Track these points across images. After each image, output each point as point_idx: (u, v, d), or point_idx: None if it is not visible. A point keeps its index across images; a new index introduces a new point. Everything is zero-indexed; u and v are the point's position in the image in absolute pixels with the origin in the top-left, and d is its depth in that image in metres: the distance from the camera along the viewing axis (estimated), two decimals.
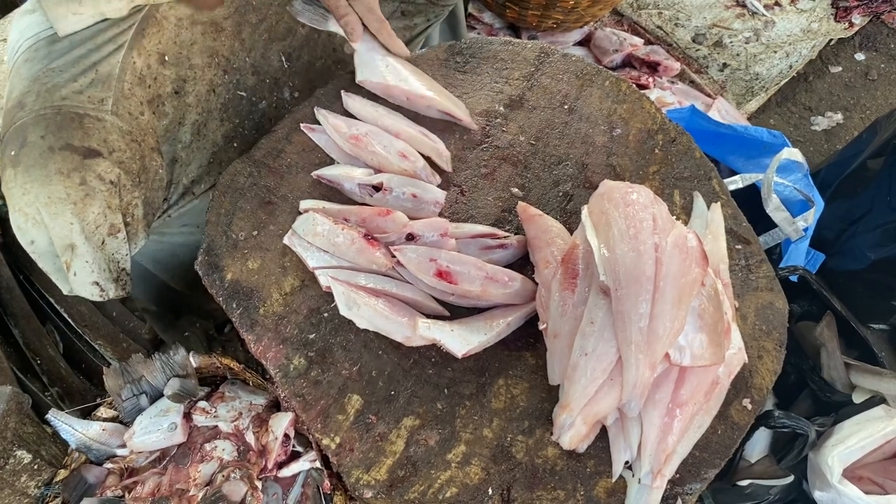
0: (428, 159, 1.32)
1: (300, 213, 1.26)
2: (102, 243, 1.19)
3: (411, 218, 1.22)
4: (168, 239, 1.51)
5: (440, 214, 1.28)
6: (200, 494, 1.18)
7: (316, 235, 1.20)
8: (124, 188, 1.20)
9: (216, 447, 1.25)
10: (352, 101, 1.37)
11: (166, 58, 1.31)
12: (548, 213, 1.26)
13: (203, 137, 1.43)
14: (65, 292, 1.26)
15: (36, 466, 1.24)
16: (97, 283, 1.23)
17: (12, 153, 1.14)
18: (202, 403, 1.30)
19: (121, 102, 1.23)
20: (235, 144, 1.49)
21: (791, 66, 2.59)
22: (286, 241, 1.23)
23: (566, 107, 1.42)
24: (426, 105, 1.36)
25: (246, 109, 1.48)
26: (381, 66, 1.36)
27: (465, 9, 2.58)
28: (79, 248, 1.17)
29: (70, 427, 1.25)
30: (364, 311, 1.14)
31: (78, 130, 1.16)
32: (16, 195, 1.14)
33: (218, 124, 1.44)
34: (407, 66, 1.38)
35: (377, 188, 1.27)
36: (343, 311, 1.15)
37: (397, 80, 1.35)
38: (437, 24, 1.80)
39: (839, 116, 2.77)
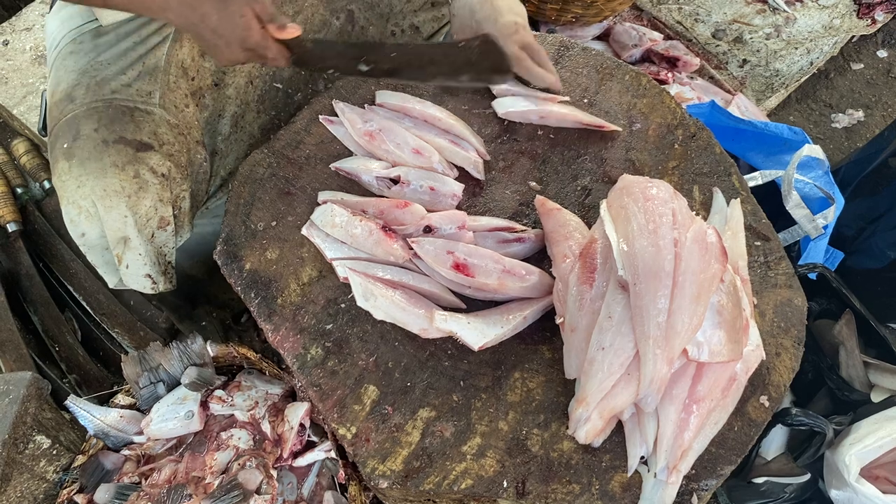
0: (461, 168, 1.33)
1: (318, 204, 1.26)
2: (152, 236, 1.20)
3: (429, 210, 1.22)
4: (198, 229, 1.52)
5: (458, 207, 1.28)
6: (216, 482, 1.18)
7: (334, 227, 1.20)
8: (174, 181, 1.21)
9: (232, 436, 1.26)
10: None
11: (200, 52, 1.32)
12: (566, 208, 1.25)
13: (241, 129, 1.43)
14: (111, 286, 1.27)
15: (55, 452, 1.25)
16: (149, 276, 1.25)
17: (65, 146, 1.15)
18: (219, 392, 1.31)
19: (167, 96, 1.24)
20: (271, 136, 1.50)
21: (812, 63, 2.57)
22: (304, 231, 1.23)
23: (586, 100, 1.42)
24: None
25: (282, 101, 1.49)
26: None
27: None
28: (132, 240, 1.18)
29: (88, 413, 1.26)
30: (381, 302, 1.14)
31: (130, 124, 1.18)
32: (70, 188, 1.15)
33: (255, 116, 1.45)
34: None
35: (395, 181, 1.27)
36: (360, 303, 1.15)
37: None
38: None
39: (860, 114, 2.74)
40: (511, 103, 1.37)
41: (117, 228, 1.17)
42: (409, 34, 1.71)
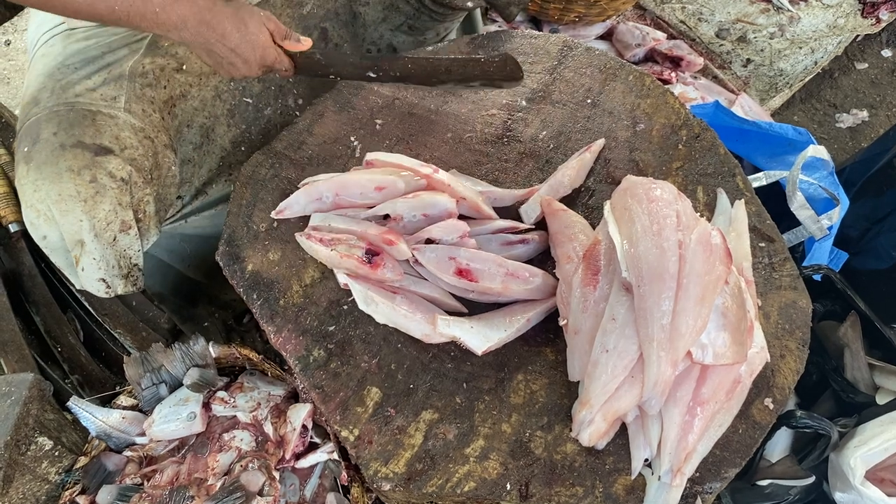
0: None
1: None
2: (114, 240, 1.20)
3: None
4: (180, 231, 1.52)
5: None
6: (218, 484, 1.18)
7: (319, 255, 1.20)
8: (135, 185, 1.20)
9: (234, 437, 1.26)
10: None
11: (184, 66, 1.32)
12: (569, 208, 1.25)
13: (212, 141, 1.44)
14: (77, 286, 1.27)
15: (57, 453, 1.25)
16: (103, 280, 1.24)
17: (25, 149, 1.16)
18: (221, 393, 1.30)
19: (133, 101, 1.24)
20: (243, 149, 1.51)
21: (816, 63, 2.56)
22: (298, 238, 1.23)
23: (589, 101, 1.41)
24: None
25: (252, 115, 1.49)
26: None
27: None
28: (87, 244, 1.18)
29: (91, 414, 1.26)
30: (382, 308, 1.14)
31: (90, 128, 1.17)
32: (28, 192, 1.15)
33: (225, 129, 1.45)
34: None
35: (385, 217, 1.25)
36: (362, 307, 1.15)
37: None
38: (450, 35, 1.80)
39: (864, 114, 2.74)
40: None
41: (73, 232, 1.17)
42: (386, 53, 1.71)
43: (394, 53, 1.69)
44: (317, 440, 1.27)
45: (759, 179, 1.65)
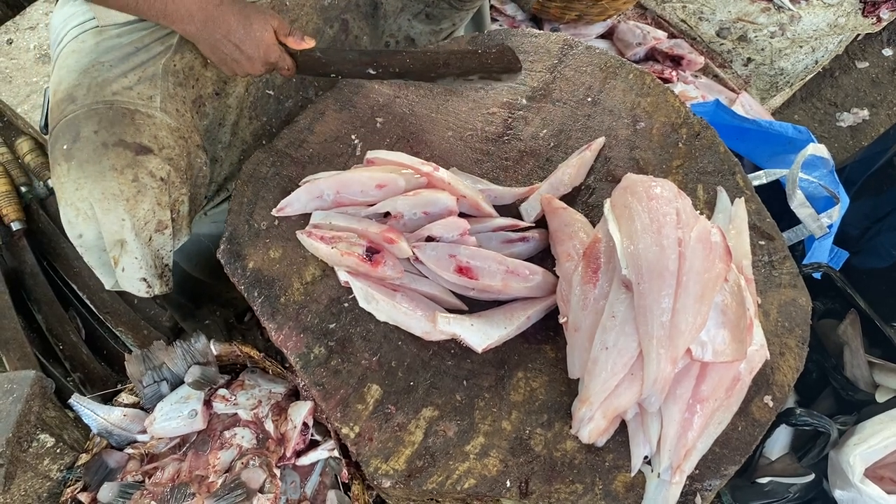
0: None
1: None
2: (150, 239, 1.20)
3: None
4: (195, 230, 1.52)
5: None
6: (220, 481, 1.18)
7: (320, 252, 1.21)
8: (173, 185, 1.21)
9: (235, 434, 1.26)
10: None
11: (200, 59, 1.32)
12: (569, 206, 1.25)
13: (236, 136, 1.44)
14: (107, 287, 1.27)
15: (58, 450, 1.25)
16: (145, 280, 1.25)
17: (65, 147, 1.15)
18: (222, 391, 1.31)
19: (167, 101, 1.24)
20: (263, 142, 1.50)
21: (817, 62, 2.56)
22: (299, 236, 1.23)
23: (589, 99, 1.41)
24: None
25: (273, 108, 1.49)
26: None
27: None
28: (129, 244, 1.18)
29: (92, 412, 1.27)
30: (382, 306, 1.15)
31: (130, 126, 1.18)
32: (68, 190, 1.15)
33: (247, 122, 1.45)
34: None
35: (386, 215, 1.25)
36: (363, 304, 1.16)
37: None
38: (462, 26, 1.80)
39: (865, 113, 2.73)
40: None
41: (114, 231, 1.17)
42: (404, 45, 1.71)
43: (408, 46, 1.70)
44: (317, 438, 1.27)
45: (759, 178, 1.65)
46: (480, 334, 1.13)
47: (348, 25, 1.55)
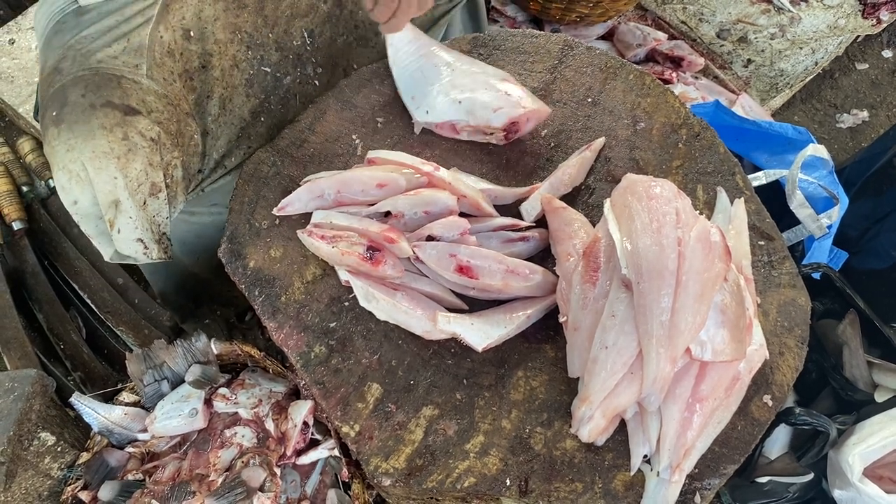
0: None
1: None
2: (144, 203, 1.20)
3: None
4: (197, 219, 1.52)
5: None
6: (220, 480, 1.19)
7: (320, 251, 1.21)
8: (164, 147, 1.21)
9: (236, 433, 1.27)
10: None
11: (191, 33, 1.32)
12: (569, 206, 1.25)
13: (230, 112, 1.44)
14: (106, 258, 1.27)
15: (59, 449, 1.26)
16: (141, 241, 1.24)
17: (54, 114, 1.16)
18: (223, 390, 1.31)
19: (154, 69, 1.25)
20: (262, 119, 1.50)
21: (817, 63, 2.56)
22: (300, 235, 1.23)
23: (589, 100, 1.42)
24: None
25: (271, 85, 1.49)
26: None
27: (488, 1, 2.57)
28: (123, 203, 1.18)
29: (93, 410, 1.27)
30: (383, 305, 1.15)
31: (117, 90, 1.19)
32: (59, 152, 1.15)
33: (244, 100, 1.45)
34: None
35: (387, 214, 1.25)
36: (363, 303, 1.16)
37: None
38: (459, 6, 1.79)
39: (865, 114, 2.74)
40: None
41: (108, 191, 1.17)
42: None
43: None
44: (318, 437, 1.27)
45: (759, 178, 1.65)
46: (480, 333, 1.13)
47: (342, 0, 1.56)
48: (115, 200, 1.18)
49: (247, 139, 1.48)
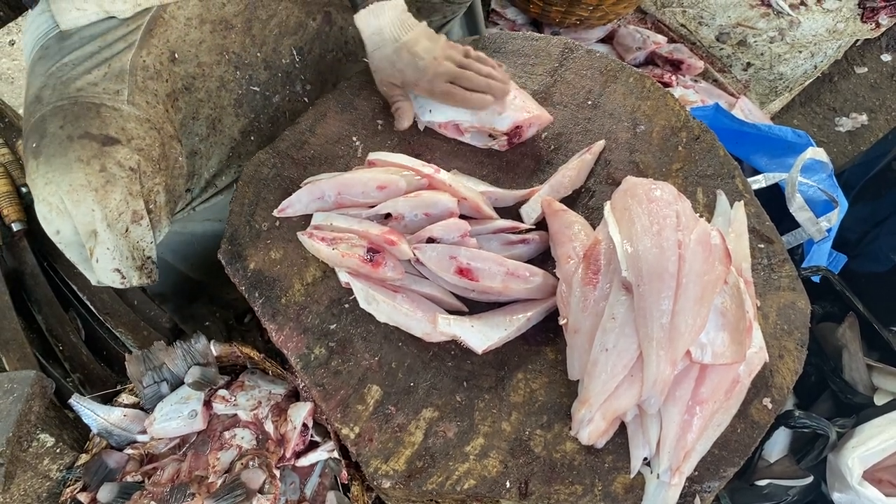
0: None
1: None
2: (126, 231, 1.20)
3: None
4: (190, 229, 1.52)
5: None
6: (219, 481, 1.19)
7: (321, 253, 1.21)
8: (145, 175, 1.20)
9: (235, 435, 1.26)
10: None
11: (176, 55, 1.32)
12: (569, 209, 1.25)
13: (219, 132, 1.44)
14: (93, 283, 1.28)
15: (58, 450, 1.26)
16: (118, 270, 1.24)
17: (34, 145, 1.16)
18: (222, 392, 1.31)
19: (136, 94, 1.24)
20: (252, 138, 1.51)
21: (816, 67, 2.57)
22: (300, 237, 1.23)
23: (590, 102, 1.42)
24: None
25: (260, 104, 1.50)
26: None
27: (488, 4, 2.57)
28: (100, 234, 1.18)
29: (92, 412, 1.27)
30: (383, 307, 1.15)
31: (95, 119, 1.18)
32: (39, 185, 1.15)
33: (234, 119, 1.46)
34: None
35: (387, 216, 1.25)
36: (363, 305, 1.16)
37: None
38: (455, 20, 1.79)
39: (864, 118, 2.75)
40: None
41: (87, 223, 1.17)
42: None
43: None
44: (317, 439, 1.27)
45: (759, 181, 1.65)
46: (480, 336, 1.13)
47: (331, 17, 1.55)
48: (94, 231, 1.18)
49: (237, 158, 1.49)
